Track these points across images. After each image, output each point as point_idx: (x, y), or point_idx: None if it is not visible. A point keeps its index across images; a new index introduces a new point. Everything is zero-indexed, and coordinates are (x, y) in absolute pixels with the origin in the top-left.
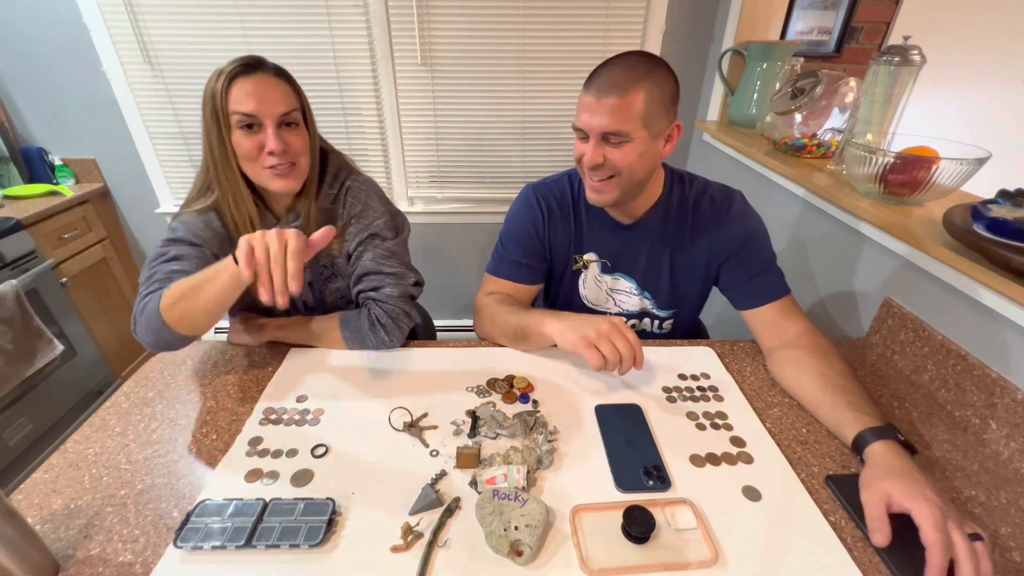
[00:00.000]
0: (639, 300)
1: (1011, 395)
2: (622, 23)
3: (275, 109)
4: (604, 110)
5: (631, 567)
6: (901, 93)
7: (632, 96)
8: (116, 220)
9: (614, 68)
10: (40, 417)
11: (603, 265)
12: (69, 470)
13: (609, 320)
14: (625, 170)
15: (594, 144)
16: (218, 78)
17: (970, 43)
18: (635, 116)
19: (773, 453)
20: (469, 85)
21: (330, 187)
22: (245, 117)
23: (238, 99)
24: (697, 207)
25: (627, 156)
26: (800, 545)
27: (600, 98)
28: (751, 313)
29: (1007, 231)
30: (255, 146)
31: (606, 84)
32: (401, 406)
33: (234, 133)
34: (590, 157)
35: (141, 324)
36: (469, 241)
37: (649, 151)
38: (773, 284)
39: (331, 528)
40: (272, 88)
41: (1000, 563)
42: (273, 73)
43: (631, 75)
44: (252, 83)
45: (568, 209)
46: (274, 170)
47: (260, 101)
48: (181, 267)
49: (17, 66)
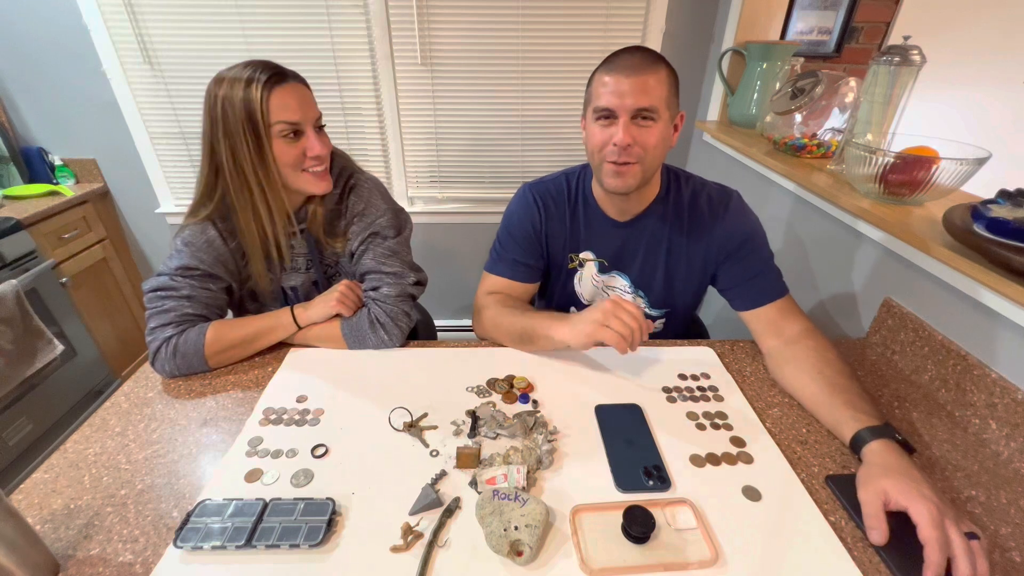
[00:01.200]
0: (632, 299)
1: (1011, 395)
2: (622, 23)
3: (313, 114)
4: (636, 87)
5: (631, 567)
6: (901, 93)
7: (660, 75)
8: (116, 220)
9: (635, 53)
10: (40, 417)
11: (600, 265)
12: (69, 470)
13: (608, 299)
14: (651, 152)
15: (624, 122)
16: (248, 86)
17: (970, 43)
18: (662, 96)
19: (773, 453)
20: (469, 85)
21: (334, 186)
22: (290, 126)
23: (281, 108)
24: (694, 206)
25: (654, 137)
26: (800, 545)
27: (631, 76)
28: (750, 314)
29: (1007, 231)
30: (299, 153)
31: (633, 65)
32: (401, 406)
33: (275, 142)
34: (622, 136)
35: (174, 363)
36: (469, 241)
37: (667, 135)
38: (771, 284)
39: (331, 528)
40: (306, 93)
41: (1000, 563)
42: (296, 78)
43: (652, 58)
44: (291, 91)
45: (565, 207)
46: (316, 174)
47: (302, 108)
48: (195, 310)
49: (17, 66)
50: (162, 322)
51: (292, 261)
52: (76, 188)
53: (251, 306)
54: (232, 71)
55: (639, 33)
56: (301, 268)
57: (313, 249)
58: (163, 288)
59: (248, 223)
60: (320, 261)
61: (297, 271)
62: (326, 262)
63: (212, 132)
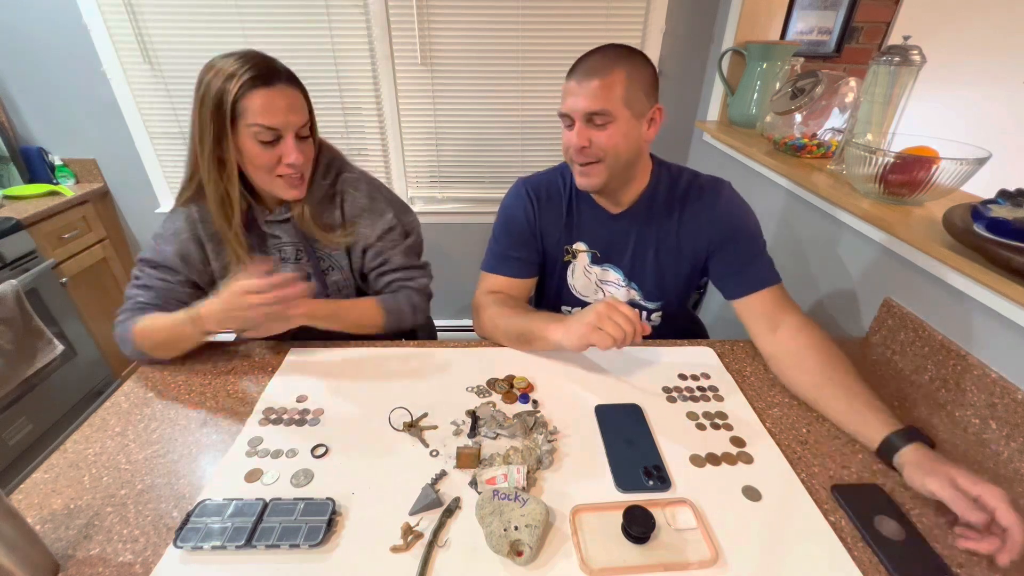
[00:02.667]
0: (627, 291)
1: (1011, 395)
2: (622, 23)
3: (296, 120)
4: (586, 92)
5: (631, 567)
6: (901, 93)
7: (612, 77)
8: (116, 220)
9: (593, 55)
10: (40, 417)
11: (592, 256)
12: (69, 470)
13: (603, 302)
14: (611, 151)
15: (579, 127)
16: (228, 80)
17: (970, 43)
18: (616, 96)
19: (773, 453)
20: (469, 85)
21: (323, 178)
22: (267, 131)
23: (261, 111)
24: (685, 197)
25: (612, 137)
26: (800, 545)
27: (581, 81)
28: (742, 302)
29: (1007, 231)
30: (274, 158)
31: (586, 69)
32: (401, 406)
33: (246, 141)
34: (576, 139)
35: (121, 348)
36: (469, 241)
37: (633, 132)
38: (763, 272)
39: (331, 528)
40: (291, 99)
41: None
42: (290, 82)
43: (609, 59)
44: (275, 95)
45: (558, 200)
46: (289, 180)
47: (283, 114)
48: (147, 299)
49: (17, 66)
50: (122, 307)
51: (280, 251)
52: (76, 188)
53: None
54: (224, 60)
55: (639, 33)
56: (291, 259)
57: (302, 239)
58: (132, 277)
59: (214, 208)
60: (313, 252)
61: (287, 262)
62: (318, 255)
63: (192, 114)
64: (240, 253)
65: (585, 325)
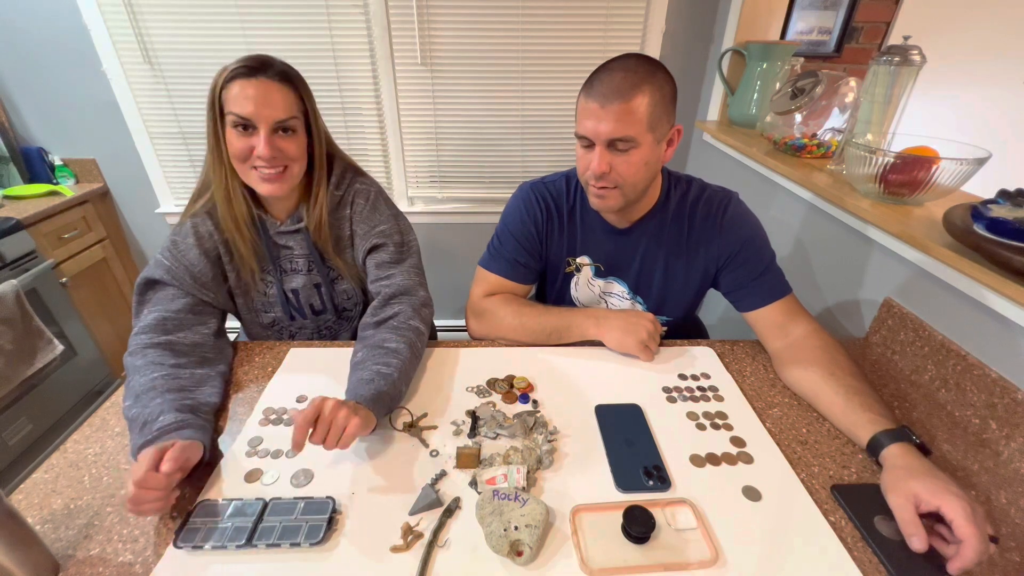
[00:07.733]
0: (631, 304)
1: (1011, 395)
2: (622, 23)
3: (272, 115)
4: (610, 116)
5: (631, 567)
6: (901, 93)
7: (637, 100)
8: (116, 220)
9: (615, 73)
10: (40, 417)
11: (596, 269)
12: (69, 470)
13: (650, 321)
14: (630, 179)
15: (600, 151)
16: (220, 74)
17: (970, 43)
18: (640, 120)
19: (773, 453)
20: (469, 85)
21: (336, 188)
22: (240, 119)
23: (236, 100)
24: (694, 212)
25: (634, 164)
26: (800, 545)
27: (605, 104)
28: (754, 315)
29: (1007, 231)
30: (247, 148)
31: (610, 90)
32: (401, 406)
33: (229, 131)
34: (596, 165)
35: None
36: (469, 241)
37: (654, 156)
38: (774, 284)
39: (332, 526)
40: (273, 93)
41: (1000, 563)
42: (278, 78)
43: (633, 79)
44: (253, 86)
45: (564, 211)
46: (261, 173)
47: (257, 105)
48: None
49: (17, 66)
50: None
51: (291, 262)
52: (76, 188)
53: (247, 315)
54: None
55: (639, 33)
56: (302, 270)
57: (313, 250)
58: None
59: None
60: (323, 262)
61: (298, 272)
62: (328, 265)
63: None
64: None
65: (638, 343)
